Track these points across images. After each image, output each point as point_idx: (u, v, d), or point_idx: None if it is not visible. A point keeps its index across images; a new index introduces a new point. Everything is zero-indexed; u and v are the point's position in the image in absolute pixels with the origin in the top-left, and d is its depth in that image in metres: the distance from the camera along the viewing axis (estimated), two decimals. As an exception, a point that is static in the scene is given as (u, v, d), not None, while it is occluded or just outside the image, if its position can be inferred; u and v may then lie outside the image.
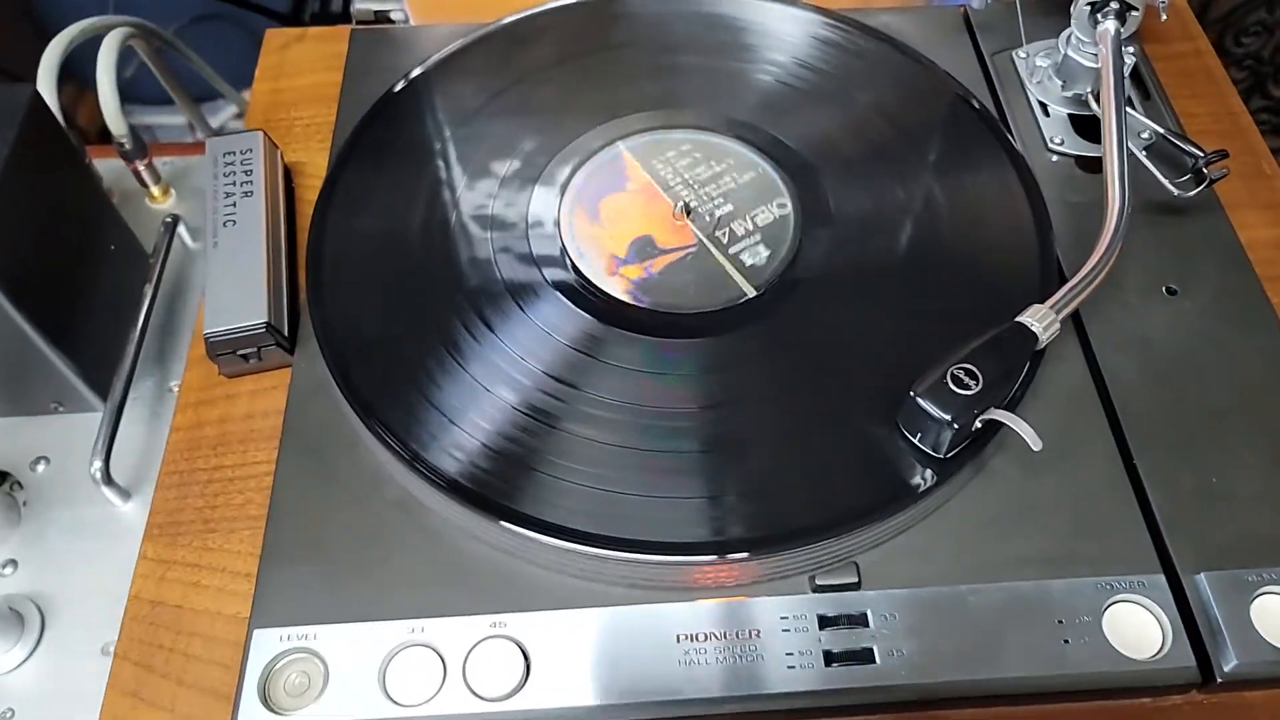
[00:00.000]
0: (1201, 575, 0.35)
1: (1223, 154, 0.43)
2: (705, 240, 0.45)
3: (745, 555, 0.35)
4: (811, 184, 0.46)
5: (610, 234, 0.46)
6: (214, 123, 1.05)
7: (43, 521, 0.46)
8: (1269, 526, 0.37)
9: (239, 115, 1.06)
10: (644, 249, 0.45)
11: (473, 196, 0.47)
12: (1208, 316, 0.42)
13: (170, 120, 1.11)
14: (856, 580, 0.35)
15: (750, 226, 0.45)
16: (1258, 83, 0.93)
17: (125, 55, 0.57)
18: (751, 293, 0.43)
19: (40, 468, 0.48)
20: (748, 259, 0.44)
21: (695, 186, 0.47)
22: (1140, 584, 0.35)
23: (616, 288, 0.43)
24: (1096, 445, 0.39)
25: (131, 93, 0.56)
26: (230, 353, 0.42)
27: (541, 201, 0.47)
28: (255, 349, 0.42)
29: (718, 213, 0.46)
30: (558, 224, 0.46)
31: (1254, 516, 0.37)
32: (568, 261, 0.44)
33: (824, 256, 0.44)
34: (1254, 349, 0.41)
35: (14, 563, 0.45)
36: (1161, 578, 0.35)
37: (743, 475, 0.37)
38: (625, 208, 0.47)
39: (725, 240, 0.45)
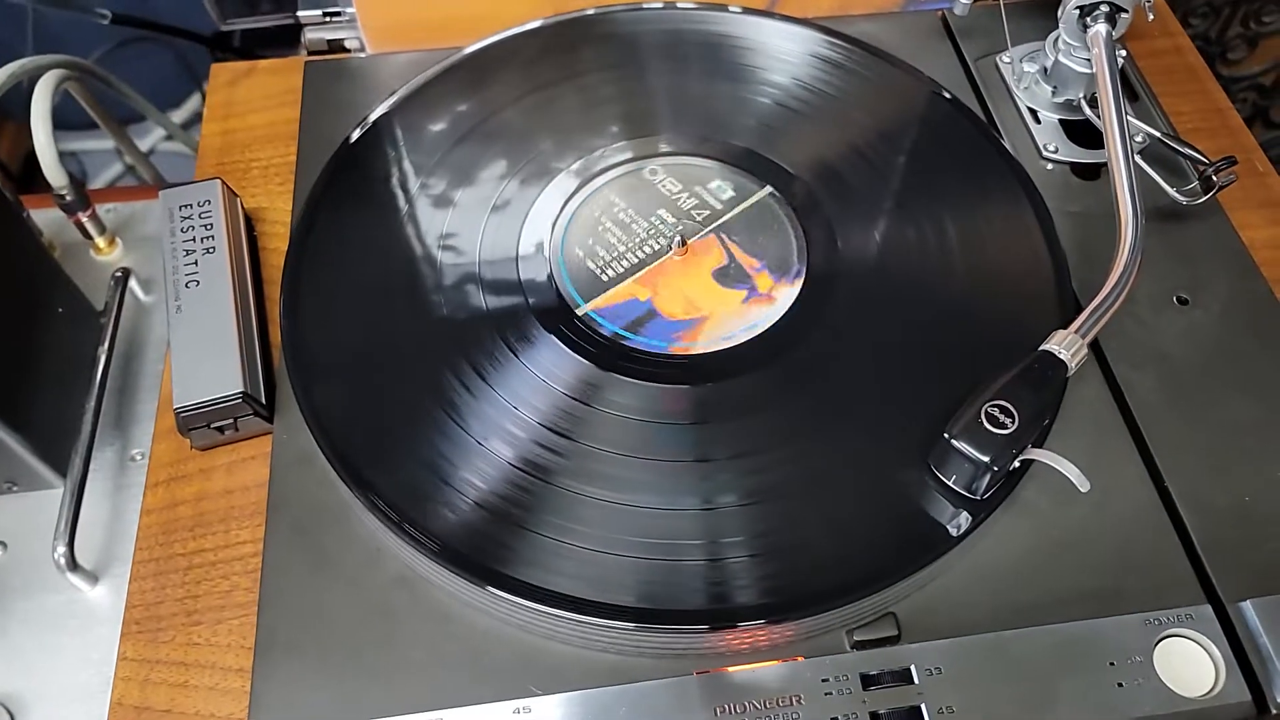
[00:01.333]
0: (1247, 603, 0.34)
1: (1231, 160, 0.42)
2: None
3: (779, 619, 0.33)
4: (812, 216, 0.44)
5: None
6: (143, 146, 1.01)
7: (6, 613, 0.42)
8: (1306, 545, 0.36)
9: (168, 138, 1.01)
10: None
11: (453, 238, 0.44)
12: (1223, 326, 0.41)
13: (95, 145, 1.05)
14: (896, 633, 0.34)
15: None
16: (1207, 62, 0.94)
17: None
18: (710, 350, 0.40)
19: (-2, 555, 0.44)
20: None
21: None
22: (1188, 616, 0.34)
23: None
24: (1126, 470, 0.38)
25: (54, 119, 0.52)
26: (204, 426, 0.39)
27: (531, 235, 0.44)
28: (231, 420, 0.39)
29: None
30: (549, 257, 0.43)
31: (1291, 535, 0.36)
32: (554, 287, 0.42)
33: (829, 295, 0.42)
34: (1272, 357, 0.40)
35: (-24, 658, 0.41)
36: (1208, 608, 0.34)
37: (766, 531, 0.35)
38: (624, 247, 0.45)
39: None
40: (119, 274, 0.51)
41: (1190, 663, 0.33)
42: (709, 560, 0.34)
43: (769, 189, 0.45)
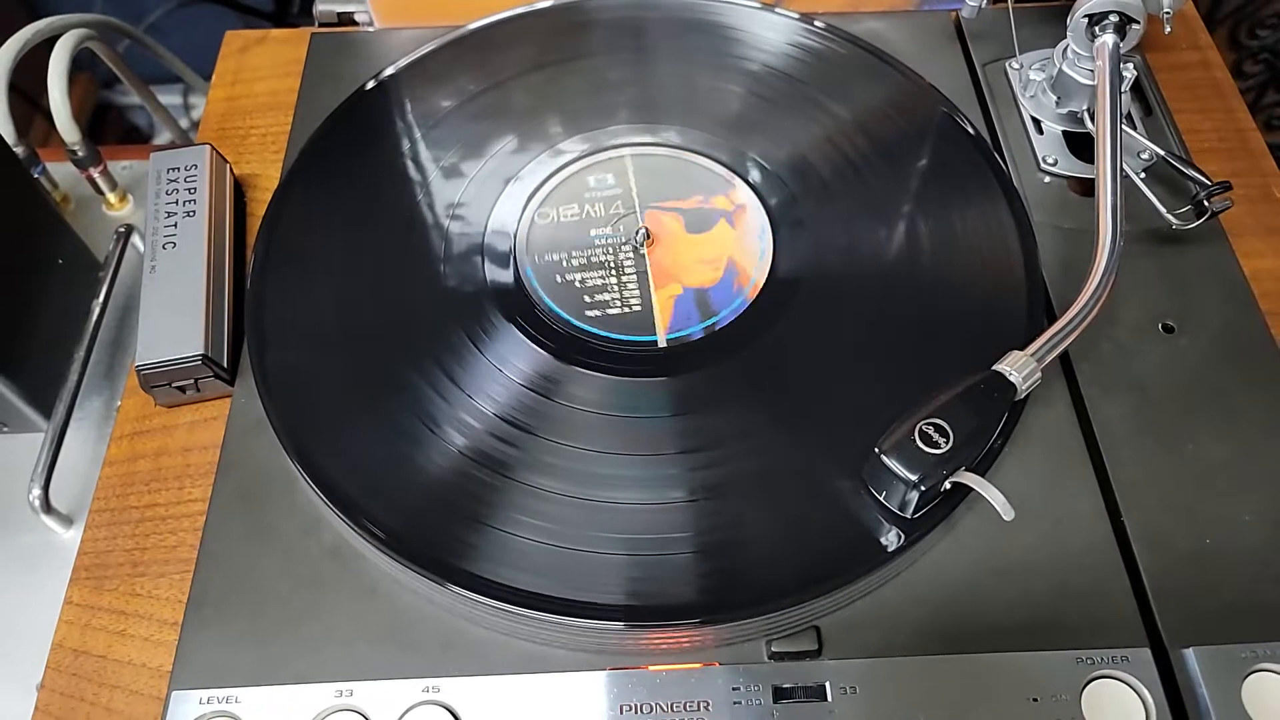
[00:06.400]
0: (1190, 650, 0.32)
1: (1225, 186, 0.39)
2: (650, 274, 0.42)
3: (697, 621, 0.33)
4: (785, 214, 0.43)
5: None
6: (200, 110, 1.03)
7: (-19, 551, 0.44)
8: (1265, 596, 0.34)
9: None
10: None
11: (422, 216, 0.44)
12: (1207, 357, 0.39)
13: (167, 100, 1.08)
14: (817, 647, 0.33)
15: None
16: (1274, 77, 0.89)
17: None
18: (662, 344, 0.40)
19: (-18, 492, 0.46)
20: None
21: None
22: (1124, 658, 0.32)
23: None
24: (1082, 500, 0.36)
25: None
26: (165, 384, 0.40)
27: (503, 211, 0.44)
28: (191, 380, 0.40)
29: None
30: (515, 231, 0.44)
31: (1249, 584, 0.34)
32: (513, 264, 0.42)
33: (788, 294, 0.41)
34: (1255, 394, 0.38)
35: (-48, 592, 0.43)
36: (1147, 651, 0.33)
37: (697, 531, 0.35)
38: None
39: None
40: (122, 230, 0.52)
41: (1120, 707, 0.32)
42: (632, 555, 0.34)
43: (753, 194, 0.44)
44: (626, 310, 0.41)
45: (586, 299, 0.41)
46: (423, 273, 0.42)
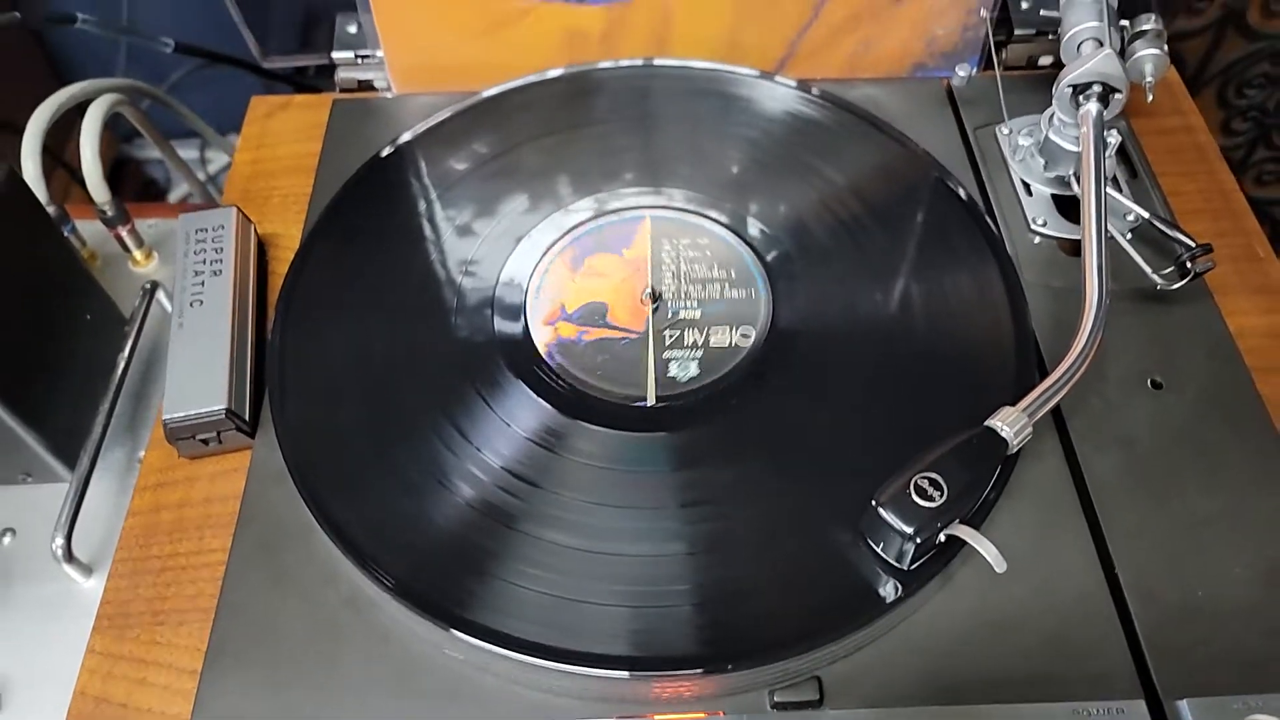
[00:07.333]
0: (1184, 702, 0.33)
1: (1207, 248, 0.41)
2: (650, 334, 0.44)
3: (700, 671, 0.34)
4: (783, 273, 0.45)
5: (577, 287, 0.45)
6: (219, 159, 1.07)
7: (4, 597, 0.45)
8: (1256, 647, 0.35)
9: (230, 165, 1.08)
10: (592, 315, 0.45)
11: (435, 274, 0.46)
12: (1194, 413, 0.41)
13: (183, 155, 1.12)
14: (818, 698, 0.34)
15: (699, 341, 0.43)
16: (1262, 134, 0.92)
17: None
18: (651, 400, 0.41)
19: (6, 540, 0.47)
20: (674, 370, 0.43)
21: (683, 280, 0.46)
22: (1119, 710, 0.33)
23: (542, 337, 0.44)
24: (1076, 553, 0.37)
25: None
26: (190, 437, 0.42)
27: (514, 269, 0.46)
28: (215, 433, 0.42)
29: (681, 314, 0.45)
30: (529, 279, 0.46)
31: (1241, 635, 0.35)
32: (520, 309, 0.44)
33: (785, 351, 0.43)
34: (1243, 450, 0.40)
35: (-25, 638, 0.44)
36: (1142, 703, 0.33)
37: (700, 583, 0.36)
38: (607, 270, 0.46)
39: (667, 342, 0.44)
40: (147, 286, 0.54)
41: (1114, 757, 0.32)
42: (636, 607, 0.35)
43: (759, 266, 0.46)
44: (627, 365, 0.43)
45: (591, 354, 0.43)
46: (435, 329, 0.44)
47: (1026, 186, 0.49)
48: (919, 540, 0.33)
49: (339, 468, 0.40)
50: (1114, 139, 0.46)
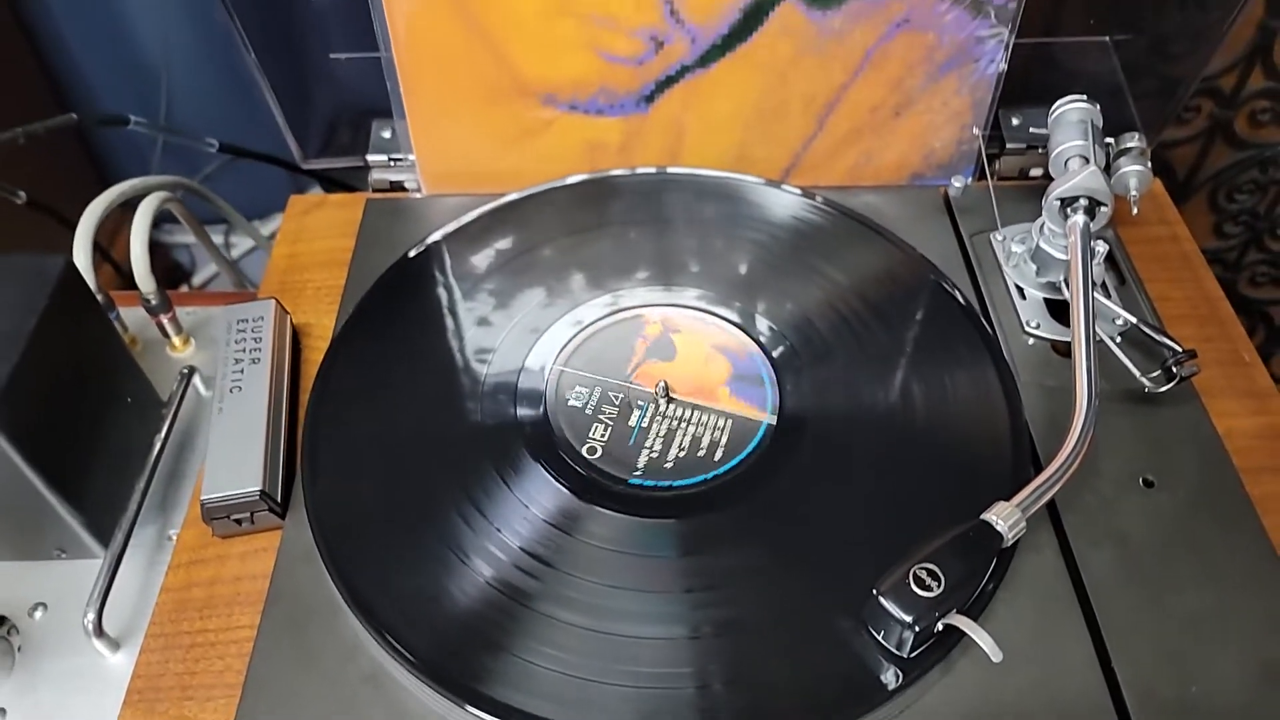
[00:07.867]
0: (1176, 795, 0.34)
1: (1192, 354, 0.44)
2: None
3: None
4: (788, 369, 0.48)
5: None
6: (246, 243, 1.13)
7: (35, 670, 0.46)
8: (1247, 743, 0.36)
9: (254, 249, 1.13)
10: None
11: (459, 364, 0.49)
12: (1186, 512, 0.42)
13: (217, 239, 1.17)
14: (821, 785, 0.35)
15: (684, 445, 0.46)
16: (1254, 237, 0.95)
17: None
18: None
19: (38, 614, 0.49)
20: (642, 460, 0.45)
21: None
22: (1113, 804, 0.34)
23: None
24: (1074, 647, 0.38)
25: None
26: (225, 517, 0.44)
27: (534, 360, 0.49)
28: (248, 514, 0.44)
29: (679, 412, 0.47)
30: (545, 378, 0.48)
31: (1233, 729, 0.36)
32: (543, 408, 0.47)
33: (791, 445, 0.45)
34: (1233, 548, 0.41)
35: (3, 711, 0.45)
36: (1136, 797, 0.34)
37: (705, 666, 0.37)
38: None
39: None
40: (185, 371, 0.57)
41: None
42: (642, 688, 0.37)
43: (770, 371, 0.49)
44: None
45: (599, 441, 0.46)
46: (458, 415, 0.47)
47: (1020, 290, 0.52)
48: (918, 629, 0.34)
49: (366, 548, 0.42)
50: (1101, 248, 0.48)
